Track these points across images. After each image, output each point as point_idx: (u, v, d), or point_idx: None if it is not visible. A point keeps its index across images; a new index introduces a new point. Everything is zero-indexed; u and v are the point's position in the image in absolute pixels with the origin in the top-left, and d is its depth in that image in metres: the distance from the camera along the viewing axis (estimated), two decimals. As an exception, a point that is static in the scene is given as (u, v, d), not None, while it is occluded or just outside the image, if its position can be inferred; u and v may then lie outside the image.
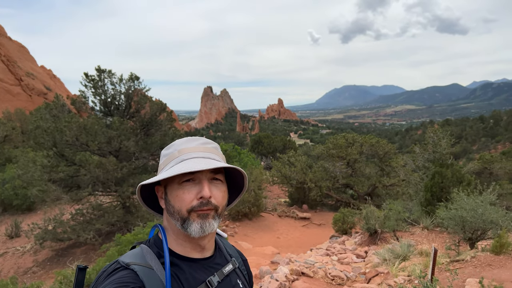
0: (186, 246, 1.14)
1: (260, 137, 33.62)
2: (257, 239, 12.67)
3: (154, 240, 1.16)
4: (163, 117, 13.82)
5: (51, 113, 12.61)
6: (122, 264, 1.04)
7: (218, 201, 1.10)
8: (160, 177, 1.08)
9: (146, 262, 1.06)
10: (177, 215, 1.08)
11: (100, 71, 12.30)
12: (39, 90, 56.79)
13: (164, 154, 1.18)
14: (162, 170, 1.14)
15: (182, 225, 1.08)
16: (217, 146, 1.21)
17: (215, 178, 1.11)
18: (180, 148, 1.14)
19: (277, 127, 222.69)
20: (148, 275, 1.02)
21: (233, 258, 1.29)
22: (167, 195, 1.11)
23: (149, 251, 1.10)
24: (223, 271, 1.18)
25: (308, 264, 7.90)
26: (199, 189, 1.07)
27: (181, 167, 1.06)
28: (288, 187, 19.62)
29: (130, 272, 1.01)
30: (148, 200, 1.23)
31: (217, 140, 53.91)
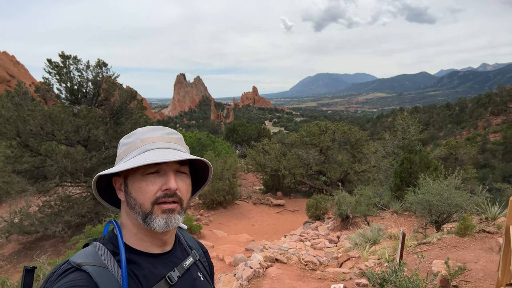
0: (146, 241, 1.08)
1: (234, 125, 33.51)
2: (232, 227, 12.70)
3: (109, 236, 1.08)
4: (133, 105, 13.45)
5: (13, 101, 11.98)
6: (73, 265, 0.96)
7: (183, 194, 1.06)
8: (122, 167, 1.00)
9: (100, 261, 0.98)
10: (139, 208, 1.01)
11: (65, 57, 11.75)
12: (1, 77, 53.99)
13: (124, 143, 1.10)
14: (122, 160, 1.07)
15: (144, 220, 1.01)
16: (181, 137, 1.16)
17: (180, 171, 1.07)
18: (143, 137, 1.07)
19: (252, 115, 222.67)
20: (102, 275, 0.95)
21: (193, 250, 1.25)
22: (128, 187, 1.04)
23: (103, 249, 1.02)
24: (183, 265, 1.14)
25: (282, 251, 7.99)
26: (164, 181, 1.02)
27: (146, 157, 1.00)
28: (263, 174, 19.73)
29: (82, 274, 0.94)
30: (103, 192, 1.14)
31: (191, 129, 53.34)
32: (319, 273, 6.25)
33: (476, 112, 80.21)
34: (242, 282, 6.00)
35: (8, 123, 10.97)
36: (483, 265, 4.72)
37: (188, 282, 1.13)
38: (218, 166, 14.39)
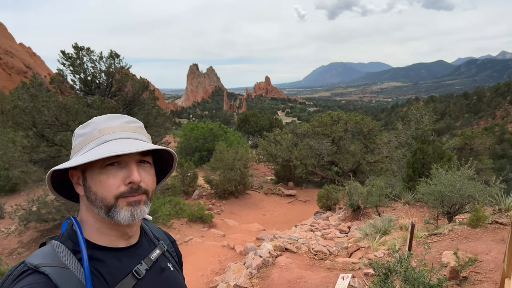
0: (110, 235, 1.01)
1: (247, 115, 33.51)
2: (243, 217, 12.81)
3: (68, 234, 1.00)
4: (146, 96, 13.55)
5: (29, 92, 12.21)
6: (29, 267, 0.89)
7: (148, 185, 1.00)
8: (79, 160, 0.92)
9: (60, 261, 0.91)
10: (100, 203, 0.95)
11: (78, 48, 11.89)
12: (18, 68, 55.00)
13: (79, 134, 1.02)
14: (78, 152, 1.00)
15: (108, 213, 0.95)
16: (142, 125, 1.09)
17: (143, 161, 1.01)
18: (101, 127, 1.00)
19: (265, 105, 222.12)
20: (63, 276, 0.88)
21: (160, 241, 1.20)
22: (87, 181, 0.97)
23: (62, 248, 0.95)
24: (150, 257, 1.09)
25: (292, 240, 8.04)
26: (126, 174, 0.95)
27: (106, 149, 0.93)
28: (274, 165, 19.76)
29: (41, 277, 0.87)
30: (60, 186, 1.06)
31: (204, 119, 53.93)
32: (329, 263, 6.28)
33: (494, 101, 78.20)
34: (252, 271, 6.07)
35: (24, 114, 11.21)
36: (494, 256, 4.67)
37: (157, 274, 1.08)
38: (230, 156, 14.46)
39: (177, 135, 23.38)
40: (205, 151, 20.76)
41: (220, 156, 14.52)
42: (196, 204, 10.94)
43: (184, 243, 8.10)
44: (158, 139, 13.49)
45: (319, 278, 5.35)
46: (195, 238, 8.56)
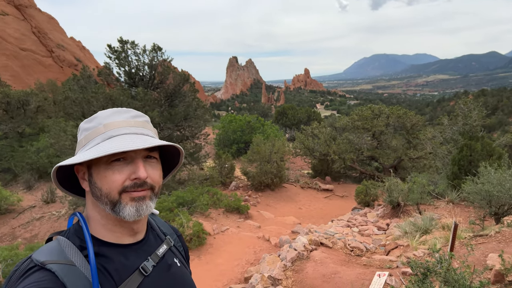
0: (116, 231, 1.00)
1: (284, 108, 33.37)
2: (279, 209, 12.85)
3: (74, 229, 0.98)
4: (186, 88, 13.89)
5: (79, 84, 12.94)
6: (36, 263, 0.87)
7: (155, 181, 0.98)
8: (85, 156, 0.91)
9: (66, 258, 0.90)
10: (105, 198, 0.94)
11: (123, 42, 12.39)
12: (69, 61, 58.18)
13: (84, 128, 1.00)
14: (83, 147, 0.98)
15: (113, 209, 0.94)
16: (148, 119, 1.07)
17: (150, 156, 0.99)
18: (106, 122, 0.97)
19: (303, 98, 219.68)
20: (69, 273, 0.87)
21: (167, 236, 1.18)
22: (93, 177, 0.95)
23: (68, 244, 0.93)
24: (157, 253, 1.07)
25: (328, 235, 7.96)
26: (132, 169, 0.94)
27: (112, 145, 0.91)
28: (311, 159, 19.56)
29: (47, 274, 0.85)
30: (66, 181, 1.05)
31: (242, 112, 54.36)
32: (365, 260, 6.16)
33: (554, 95, 72.13)
34: (286, 263, 6.10)
35: (74, 104, 11.91)
36: (547, 262, 4.36)
37: (164, 271, 1.06)
38: (266, 149, 14.51)
39: (216, 127, 23.79)
40: (243, 143, 20.97)
41: (257, 148, 14.61)
42: (232, 195, 11.12)
43: (220, 233, 8.28)
44: (197, 131, 13.81)
45: (355, 274, 5.27)
46: (231, 228, 8.72)
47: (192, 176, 13.49)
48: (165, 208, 8.34)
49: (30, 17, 58.90)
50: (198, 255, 7.15)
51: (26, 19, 58.56)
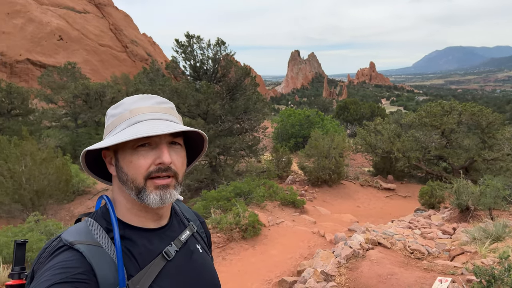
0: (141, 216, 1.03)
1: (346, 103, 32.47)
2: (335, 206, 12.62)
3: (101, 212, 1.03)
4: (247, 82, 14.14)
5: (148, 77, 13.81)
6: (65, 243, 0.91)
7: (178, 167, 1.00)
8: (111, 141, 0.94)
9: (93, 239, 0.93)
10: (131, 184, 0.96)
11: (189, 37, 12.94)
12: (141, 56, 62.10)
13: (111, 114, 1.02)
14: (110, 132, 1.01)
15: (138, 195, 0.96)
16: (173, 106, 1.07)
17: (174, 142, 1.00)
18: (132, 107, 0.99)
19: (367, 92, 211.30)
20: (96, 254, 0.91)
21: (190, 222, 1.20)
22: (119, 162, 0.98)
23: (95, 226, 0.97)
24: (180, 238, 1.09)
25: (386, 235, 7.66)
26: (157, 154, 0.96)
27: (137, 130, 0.93)
28: (373, 156, 18.83)
29: (75, 254, 0.89)
30: (94, 165, 1.08)
31: (301, 106, 53.86)
32: (426, 263, 5.84)
33: None
34: (340, 260, 6.00)
35: (144, 96, 12.76)
36: None
37: (186, 256, 1.09)
38: (325, 144, 14.28)
39: (275, 120, 23.91)
40: (301, 137, 20.84)
41: (315, 143, 14.44)
42: (289, 189, 11.15)
43: (275, 225, 8.37)
44: (256, 124, 14.01)
45: (413, 278, 5.03)
46: (286, 222, 8.77)
47: (249, 168, 13.76)
48: (223, 197, 8.63)
49: (108, 15, 63.80)
50: (252, 245, 7.31)
51: (104, 16, 63.58)
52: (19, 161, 10.57)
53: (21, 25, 50.95)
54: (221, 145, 12.93)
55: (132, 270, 0.94)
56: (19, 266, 1.02)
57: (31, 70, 49.15)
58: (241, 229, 7.31)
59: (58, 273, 0.84)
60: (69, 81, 26.00)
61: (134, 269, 0.95)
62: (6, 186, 10.29)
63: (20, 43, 49.86)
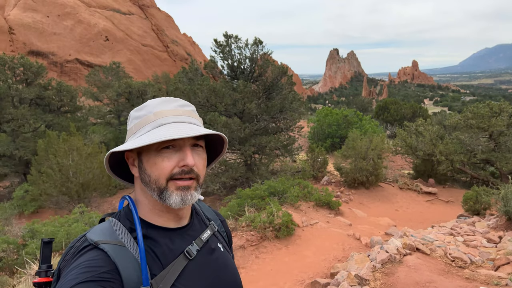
0: (163, 216, 1.05)
1: (386, 103, 31.49)
2: (372, 209, 12.30)
3: (124, 212, 1.06)
4: (284, 81, 14.11)
5: (187, 76, 14.16)
6: (90, 242, 0.95)
7: (200, 170, 1.02)
8: (137, 143, 0.96)
9: (117, 239, 0.96)
10: (153, 185, 0.99)
11: (227, 36, 13.11)
12: (181, 55, 63.70)
13: (135, 116, 1.05)
14: (134, 134, 1.03)
15: (160, 196, 0.99)
16: (194, 109, 1.10)
17: (196, 144, 1.03)
18: (156, 110, 1.02)
19: (409, 92, 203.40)
20: (120, 254, 0.93)
21: (211, 222, 1.22)
22: (143, 163, 1.01)
23: (119, 226, 1.00)
24: (201, 238, 1.11)
25: (426, 241, 7.37)
26: (181, 157, 0.98)
27: (162, 132, 0.96)
28: (414, 158, 18.12)
29: (100, 253, 0.92)
30: (117, 166, 1.11)
31: (339, 106, 52.83)
32: (468, 272, 5.56)
33: None
34: (376, 264, 5.86)
35: (182, 95, 13.10)
36: None
37: (208, 255, 1.10)
38: (363, 145, 13.94)
39: (311, 120, 23.66)
40: (338, 137, 20.48)
41: (352, 144, 14.14)
42: (324, 189, 11.01)
43: (309, 226, 8.30)
44: (292, 123, 13.95)
45: (454, 287, 4.81)
46: (321, 223, 8.67)
47: (284, 168, 13.73)
48: (257, 196, 8.68)
49: (151, 16, 66.01)
50: (286, 244, 7.30)
51: (147, 17, 65.85)
52: (67, 155, 11.24)
53: (71, 26, 53.99)
54: (256, 144, 13.01)
55: (155, 269, 0.97)
56: (45, 264, 1.05)
57: (80, 69, 51.99)
58: (274, 228, 7.33)
59: (84, 272, 0.87)
60: (114, 80, 27.25)
61: (157, 268, 0.97)
62: (55, 179, 10.98)
63: (70, 43, 52.86)
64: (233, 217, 7.88)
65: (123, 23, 59.98)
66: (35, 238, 6.33)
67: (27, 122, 16.26)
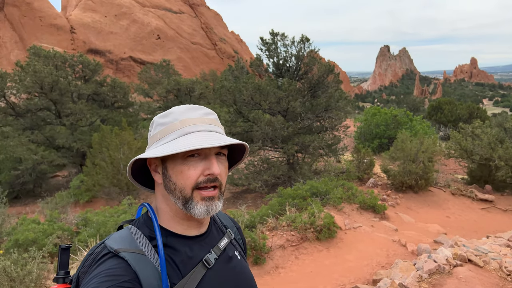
0: (183, 224, 1.05)
1: (440, 102, 29.76)
2: (421, 214, 11.70)
3: (144, 219, 1.05)
4: (330, 79, 13.81)
5: (233, 74, 14.32)
6: (110, 250, 0.94)
7: (223, 178, 1.03)
8: (166, 150, 0.95)
9: (137, 247, 0.96)
10: (179, 193, 0.99)
11: (274, 34, 13.06)
12: (229, 53, 64.73)
13: (159, 123, 1.04)
14: (158, 141, 1.02)
15: (185, 205, 0.99)
16: (217, 117, 1.11)
17: (219, 153, 1.03)
18: (182, 118, 1.01)
19: (466, 91, 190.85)
20: (140, 263, 0.93)
21: (228, 229, 1.22)
22: (167, 171, 1.00)
23: (138, 233, 1.00)
24: (219, 246, 1.11)
25: (479, 252, 6.87)
26: (206, 165, 0.98)
27: (189, 141, 0.95)
28: (469, 162, 16.95)
29: (120, 262, 0.92)
30: (136, 171, 1.10)
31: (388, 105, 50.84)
32: (526, 290, 5.11)
33: None
34: (422, 274, 5.57)
35: (228, 93, 13.28)
36: None
37: (225, 263, 1.10)
38: (413, 147, 13.29)
39: (358, 119, 22.96)
40: (386, 138, 19.70)
41: (401, 145, 13.52)
42: (369, 192, 10.65)
43: (352, 229, 8.07)
44: (337, 122, 13.63)
45: (509, 305, 4.44)
46: (364, 227, 8.40)
47: (328, 168, 13.46)
48: (299, 195, 8.59)
49: (200, 14, 67.67)
50: (327, 247, 7.16)
51: (197, 16, 67.60)
52: (118, 149, 11.86)
53: (126, 26, 56.86)
54: (300, 143, 12.86)
55: (175, 278, 0.97)
56: (63, 270, 1.05)
57: (133, 67, 54.65)
58: (315, 230, 7.21)
59: (105, 281, 0.87)
60: (164, 77, 28.31)
61: (176, 277, 0.97)
62: (107, 171, 11.63)
63: (125, 42, 55.71)
64: (274, 215, 7.86)
65: (174, 21, 62.08)
66: (88, 227, 6.75)
67: (84, 116, 17.38)
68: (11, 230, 6.93)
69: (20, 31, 49.77)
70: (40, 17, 50.60)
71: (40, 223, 6.75)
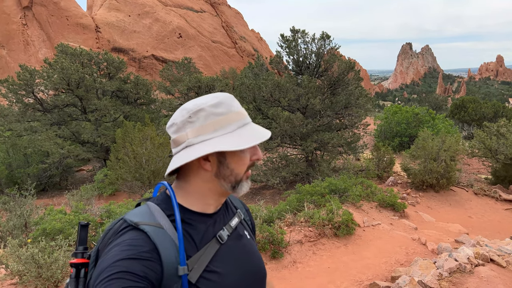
0: (209, 203, 1.12)
1: (464, 101, 29.01)
2: (442, 214, 11.51)
3: (162, 197, 1.10)
4: (350, 76, 13.71)
5: (253, 72, 14.42)
6: (130, 223, 0.99)
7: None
8: (245, 143, 1.01)
9: (156, 221, 1.00)
10: (233, 178, 1.07)
11: (294, 31, 13.07)
12: (248, 51, 64.83)
13: (213, 113, 1.03)
14: (216, 131, 1.03)
15: (234, 188, 1.08)
16: None
17: None
18: (236, 109, 1.07)
19: (492, 90, 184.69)
20: (159, 235, 0.97)
21: (238, 210, 1.28)
22: (226, 159, 1.05)
23: (157, 209, 1.04)
24: (230, 224, 1.17)
25: (502, 252, 6.74)
26: (253, 152, 1.09)
27: (253, 132, 1.06)
28: (493, 162, 16.51)
29: (140, 233, 0.96)
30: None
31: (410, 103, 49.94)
32: (550, 291, 5.01)
33: None
34: (442, 272, 5.53)
35: (248, 90, 13.38)
36: None
37: (236, 241, 1.16)
38: (434, 146, 13.06)
39: (378, 117, 22.66)
40: (407, 136, 19.39)
41: (422, 143, 13.31)
42: (388, 190, 10.55)
43: (371, 226, 8.05)
44: (357, 120, 13.53)
45: (531, 305, 4.37)
46: (383, 224, 8.35)
47: (347, 166, 13.40)
48: (317, 192, 8.62)
49: (221, 13, 68.02)
50: (345, 243, 7.18)
51: (218, 14, 67.99)
52: (141, 144, 12.16)
53: (149, 24, 57.79)
54: (319, 140, 12.84)
55: (190, 251, 1.02)
56: (82, 246, 1.10)
57: (155, 65, 55.54)
58: (333, 226, 7.24)
59: (126, 249, 0.92)
60: (185, 74, 28.69)
61: (192, 250, 1.03)
62: (130, 165, 11.95)
63: (147, 40, 56.65)
64: (292, 211, 7.92)
65: (195, 20, 62.66)
66: (111, 218, 6.99)
67: (108, 112, 17.86)
68: (39, 220, 7.23)
69: (47, 30, 51.38)
70: (67, 16, 52.07)
71: (66, 214, 7.03)
